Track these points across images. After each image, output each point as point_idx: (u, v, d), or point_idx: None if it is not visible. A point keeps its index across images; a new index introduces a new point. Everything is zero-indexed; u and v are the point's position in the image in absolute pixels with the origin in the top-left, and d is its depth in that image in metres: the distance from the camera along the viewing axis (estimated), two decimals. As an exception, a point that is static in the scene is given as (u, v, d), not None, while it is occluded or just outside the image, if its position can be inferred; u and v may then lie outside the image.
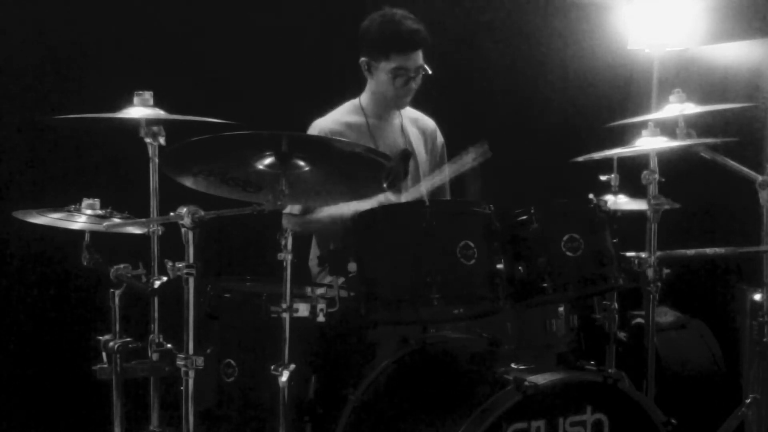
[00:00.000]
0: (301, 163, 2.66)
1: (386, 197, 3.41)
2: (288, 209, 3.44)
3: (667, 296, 3.51)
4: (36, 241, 3.20)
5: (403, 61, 3.60)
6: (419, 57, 3.62)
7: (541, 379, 2.73)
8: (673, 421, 2.91)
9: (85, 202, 2.93)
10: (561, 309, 3.31)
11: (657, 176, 3.32)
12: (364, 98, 3.80)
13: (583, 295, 3.37)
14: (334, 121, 3.73)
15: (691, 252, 3.81)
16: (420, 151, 3.82)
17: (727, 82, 4.78)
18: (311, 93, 4.29)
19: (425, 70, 3.63)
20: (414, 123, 3.88)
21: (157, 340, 2.81)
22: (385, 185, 2.84)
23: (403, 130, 3.82)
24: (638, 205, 3.73)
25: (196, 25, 4.09)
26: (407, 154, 3.73)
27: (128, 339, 2.78)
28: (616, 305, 3.49)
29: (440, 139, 3.95)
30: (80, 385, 3.15)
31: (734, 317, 4.30)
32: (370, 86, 3.74)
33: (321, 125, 3.71)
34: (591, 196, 3.22)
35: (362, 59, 3.67)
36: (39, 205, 2.94)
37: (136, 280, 2.75)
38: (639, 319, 4.02)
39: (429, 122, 3.94)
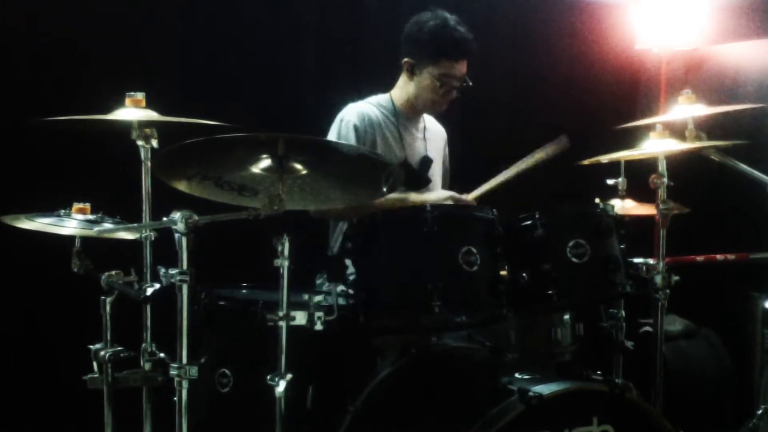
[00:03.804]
0: (299, 166, 2.67)
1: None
2: None
3: (676, 304, 3.51)
4: (25, 247, 3.20)
5: (451, 68, 3.61)
6: (465, 67, 3.63)
7: (545, 389, 2.74)
8: (681, 432, 2.93)
9: (76, 206, 2.94)
10: (566, 317, 3.33)
11: (666, 180, 3.33)
12: (396, 96, 3.79)
13: (589, 302, 3.39)
14: (371, 108, 3.73)
15: (700, 258, 3.83)
16: (436, 159, 3.84)
17: (737, 82, 4.80)
18: (310, 94, 4.30)
19: (467, 81, 3.64)
20: (432, 129, 3.90)
21: (149, 349, 2.82)
22: (385, 189, 2.85)
23: (425, 135, 3.83)
24: (646, 209, 3.74)
25: (190, 24, 4.09)
26: (429, 162, 3.75)
27: (120, 348, 2.79)
28: (624, 313, 3.51)
29: (447, 151, 3.97)
30: (71, 395, 3.15)
31: (745, 325, 4.30)
32: (407, 87, 3.73)
33: (358, 108, 3.71)
34: (597, 200, 3.23)
35: (406, 60, 3.67)
36: (28, 210, 2.94)
37: (128, 287, 2.76)
38: (647, 328, 4.03)
39: (442, 130, 3.97)
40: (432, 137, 3.87)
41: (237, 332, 2.95)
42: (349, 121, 3.63)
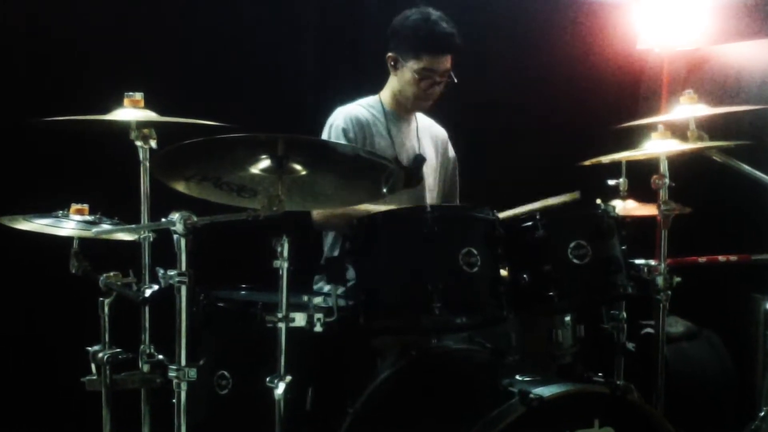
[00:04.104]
0: (298, 166, 2.66)
1: None
2: None
3: (678, 305, 3.51)
4: (22, 248, 3.20)
5: (432, 63, 3.61)
6: (448, 62, 3.63)
7: (546, 391, 2.73)
8: (683, 435, 2.92)
9: (74, 207, 2.94)
10: (567, 318, 3.32)
11: (667, 180, 3.33)
12: (385, 95, 3.80)
13: (591, 304, 3.38)
14: (359, 110, 3.74)
15: (702, 259, 3.83)
16: (431, 158, 3.83)
17: (740, 82, 4.79)
18: (309, 94, 4.30)
19: (451, 77, 3.64)
20: (427, 130, 3.89)
21: (148, 351, 2.81)
22: (384, 190, 2.85)
23: (418, 134, 3.83)
24: (648, 210, 3.73)
25: (189, 23, 4.09)
26: (421, 160, 3.74)
27: (118, 350, 2.78)
28: (625, 315, 3.50)
29: (452, 152, 3.97)
30: (69, 397, 3.14)
31: (747, 327, 4.30)
32: (392, 83, 3.75)
33: (345, 111, 3.71)
34: (599, 201, 3.23)
35: (390, 54, 3.68)
36: (26, 211, 2.94)
37: (127, 289, 2.75)
38: (648, 329, 4.03)
39: (441, 131, 3.96)
40: (426, 136, 3.86)
41: (236, 334, 2.95)
42: (338, 126, 3.64)
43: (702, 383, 4.34)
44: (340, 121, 3.65)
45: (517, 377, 2.91)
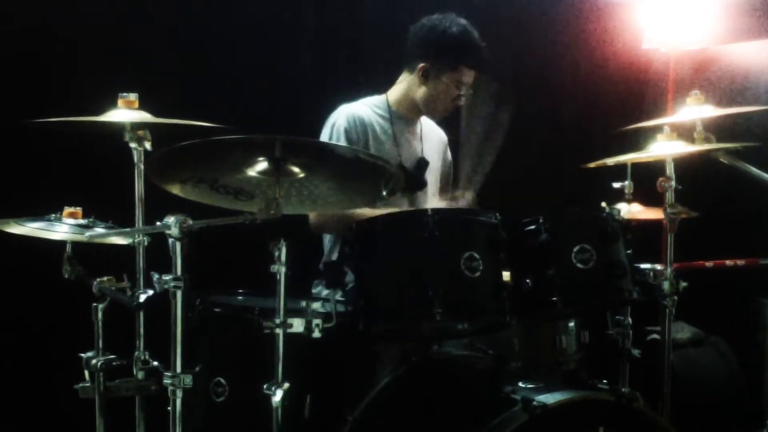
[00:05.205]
0: (296, 169, 2.66)
1: None
2: None
3: (684, 311, 3.51)
4: (14, 253, 3.19)
5: (467, 76, 3.66)
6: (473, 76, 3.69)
7: (550, 398, 2.73)
8: (690, 443, 2.91)
9: (67, 210, 2.93)
10: (571, 324, 3.32)
11: (673, 183, 3.33)
12: (394, 97, 3.80)
13: (595, 309, 3.38)
14: (363, 109, 3.74)
15: (709, 264, 3.82)
16: (434, 161, 3.84)
17: (747, 83, 4.79)
18: (308, 95, 4.30)
19: (471, 90, 3.70)
20: (430, 132, 3.91)
21: (142, 358, 2.81)
22: (384, 192, 2.85)
23: (422, 137, 3.83)
24: (653, 214, 3.73)
25: (185, 23, 4.08)
26: (425, 164, 3.75)
27: (112, 356, 2.78)
28: (630, 320, 3.50)
29: (449, 156, 3.98)
30: (62, 405, 3.14)
31: (755, 333, 4.30)
32: (415, 91, 3.74)
33: (349, 110, 3.71)
34: (603, 204, 3.23)
35: (423, 64, 3.68)
36: (17, 214, 2.93)
37: (121, 294, 2.75)
38: (654, 335, 4.02)
39: (442, 135, 3.97)
40: (429, 139, 3.87)
41: (233, 340, 2.94)
42: (339, 125, 3.63)
43: (709, 390, 4.34)
44: (342, 120, 3.65)
45: (520, 384, 2.90)
